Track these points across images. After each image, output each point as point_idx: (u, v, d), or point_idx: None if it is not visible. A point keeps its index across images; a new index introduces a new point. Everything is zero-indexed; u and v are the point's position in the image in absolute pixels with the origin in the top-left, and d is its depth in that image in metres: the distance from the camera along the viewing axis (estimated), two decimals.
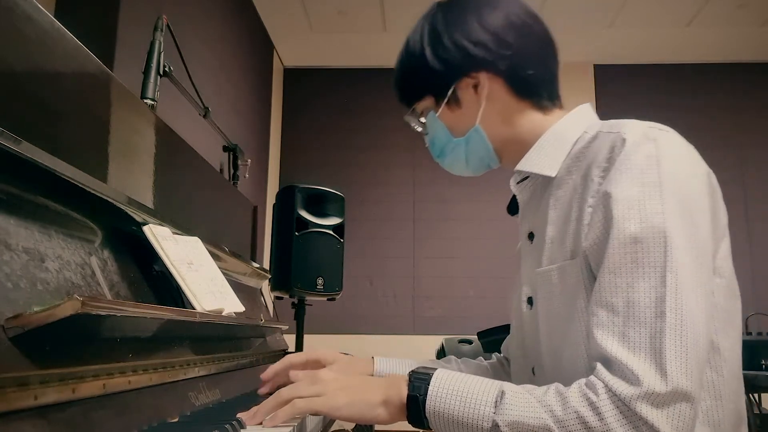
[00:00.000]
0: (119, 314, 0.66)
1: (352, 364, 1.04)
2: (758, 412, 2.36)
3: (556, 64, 0.93)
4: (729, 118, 4.67)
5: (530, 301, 0.89)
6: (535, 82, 0.90)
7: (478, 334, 2.65)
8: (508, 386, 0.70)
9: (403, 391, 0.73)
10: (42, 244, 0.69)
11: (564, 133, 0.87)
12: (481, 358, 1.16)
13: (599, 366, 0.68)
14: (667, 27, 4.33)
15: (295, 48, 4.62)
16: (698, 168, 0.77)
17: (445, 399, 0.70)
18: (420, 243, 4.55)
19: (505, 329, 1.16)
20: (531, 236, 0.90)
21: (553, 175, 0.86)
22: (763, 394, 2.70)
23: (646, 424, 0.63)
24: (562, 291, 0.80)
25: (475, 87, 0.90)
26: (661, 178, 0.72)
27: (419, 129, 0.99)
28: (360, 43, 4.52)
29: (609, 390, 0.65)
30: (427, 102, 0.95)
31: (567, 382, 0.70)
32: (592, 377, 0.68)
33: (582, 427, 0.64)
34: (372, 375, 1.04)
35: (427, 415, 0.71)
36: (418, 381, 0.73)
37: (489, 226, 4.40)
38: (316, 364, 1.00)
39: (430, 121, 0.96)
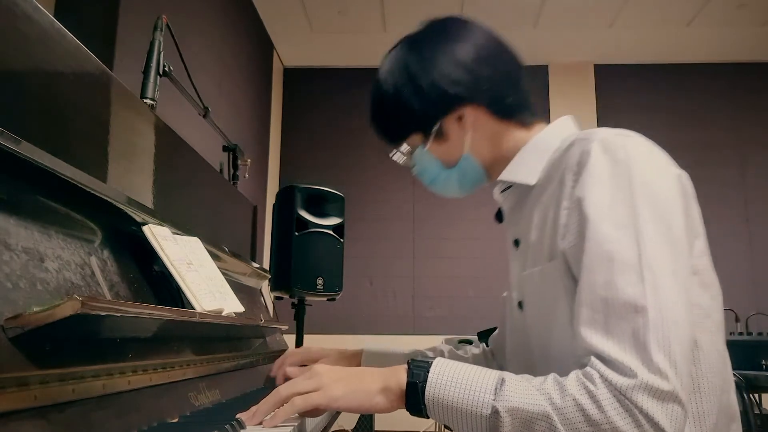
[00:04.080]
0: (119, 314, 0.66)
1: (340, 360, 1.14)
2: (758, 412, 2.36)
3: (525, 80, 0.96)
4: (729, 118, 4.67)
5: (520, 305, 0.92)
6: (514, 103, 0.93)
7: (478, 334, 2.64)
8: (507, 374, 0.71)
9: (402, 379, 0.74)
10: (42, 244, 0.69)
11: (543, 143, 0.91)
12: (467, 348, 1.22)
13: (593, 358, 0.69)
14: (667, 27, 4.34)
15: (295, 48, 4.63)
16: (667, 170, 0.79)
17: (445, 386, 0.71)
18: (420, 243, 4.55)
19: None
20: (516, 243, 0.94)
21: (533, 183, 0.89)
22: (763, 394, 2.70)
23: (642, 412, 0.64)
24: (545, 292, 0.83)
25: (459, 119, 0.92)
26: (632, 181, 0.74)
27: (407, 163, 1.01)
28: (360, 43, 4.52)
29: (605, 380, 0.66)
30: (414, 138, 0.97)
31: None
32: (588, 368, 0.68)
33: (580, 415, 0.65)
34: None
35: (426, 402, 0.72)
36: (418, 369, 0.74)
37: (489, 226, 4.38)
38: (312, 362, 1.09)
39: (420, 155, 0.97)
